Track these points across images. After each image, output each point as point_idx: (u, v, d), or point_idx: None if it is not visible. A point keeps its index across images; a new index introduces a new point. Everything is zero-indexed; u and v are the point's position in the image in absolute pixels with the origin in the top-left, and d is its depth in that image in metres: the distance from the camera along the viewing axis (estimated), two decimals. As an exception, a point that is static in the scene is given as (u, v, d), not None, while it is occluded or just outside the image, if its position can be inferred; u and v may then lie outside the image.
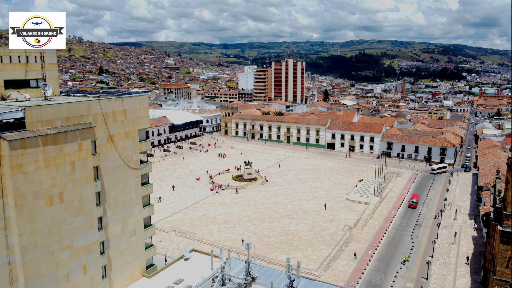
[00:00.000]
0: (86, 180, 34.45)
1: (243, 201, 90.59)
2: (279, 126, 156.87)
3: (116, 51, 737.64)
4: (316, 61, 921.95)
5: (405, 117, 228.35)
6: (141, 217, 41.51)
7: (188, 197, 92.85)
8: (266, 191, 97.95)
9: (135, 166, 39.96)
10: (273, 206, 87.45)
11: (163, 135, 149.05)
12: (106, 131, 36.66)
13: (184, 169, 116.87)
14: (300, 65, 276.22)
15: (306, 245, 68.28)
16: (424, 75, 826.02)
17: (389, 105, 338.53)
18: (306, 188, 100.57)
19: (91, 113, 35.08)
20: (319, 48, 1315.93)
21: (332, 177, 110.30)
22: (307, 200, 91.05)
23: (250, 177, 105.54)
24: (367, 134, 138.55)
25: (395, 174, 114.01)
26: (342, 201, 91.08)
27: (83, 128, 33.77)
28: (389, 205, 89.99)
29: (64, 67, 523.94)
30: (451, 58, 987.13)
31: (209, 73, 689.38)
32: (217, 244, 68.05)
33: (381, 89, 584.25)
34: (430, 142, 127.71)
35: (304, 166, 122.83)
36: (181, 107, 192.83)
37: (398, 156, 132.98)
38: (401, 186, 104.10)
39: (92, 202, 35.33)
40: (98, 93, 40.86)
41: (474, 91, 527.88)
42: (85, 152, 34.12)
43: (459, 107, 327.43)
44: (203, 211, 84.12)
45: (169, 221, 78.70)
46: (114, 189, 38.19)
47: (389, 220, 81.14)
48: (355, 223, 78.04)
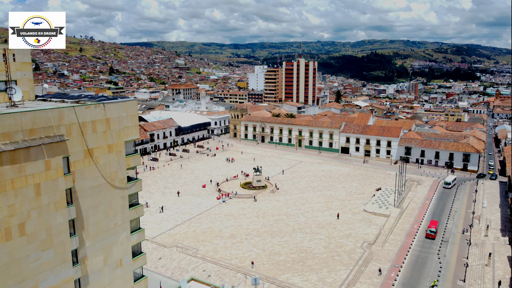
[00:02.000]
0: (55, 206, 27.95)
1: (251, 211, 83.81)
2: (290, 129, 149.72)
3: (127, 51, 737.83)
4: (327, 61, 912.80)
5: (421, 119, 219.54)
6: (128, 245, 34.94)
7: (192, 206, 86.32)
8: (276, 200, 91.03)
9: (120, 185, 33.40)
10: (284, 218, 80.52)
11: (169, 138, 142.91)
12: (83, 145, 30.15)
13: (189, 175, 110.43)
14: (312, 65, 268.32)
15: (321, 265, 61.29)
16: (437, 75, 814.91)
17: (403, 106, 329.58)
18: (319, 197, 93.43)
19: (64, 123, 28.59)
20: (330, 48, 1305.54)
21: (348, 185, 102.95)
22: (321, 211, 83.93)
23: (260, 185, 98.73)
24: (383, 138, 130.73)
25: (415, 182, 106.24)
26: (359, 212, 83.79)
27: (51, 143, 27.29)
28: (411, 218, 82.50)
29: (75, 67, 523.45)
30: (465, 58, 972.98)
31: (219, 73, 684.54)
32: (222, 263, 61.43)
33: (393, 90, 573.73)
34: (452, 148, 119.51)
35: (317, 172, 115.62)
36: (189, 109, 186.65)
37: (417, 161, 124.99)
38: (423, 196, 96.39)
39: (64, 232, 28.82)
40: (80, 97, 34.40)
41: (489, 92, 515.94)
42: (54, 172, 27.63)
43: (475, 108, 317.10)
44: (208, 223, 77.52)
45: (171, 234, 72.18)
46: (95, 214, 31.67)
47: (412, 236, 73.71)
48: (375, 239, 70.79)
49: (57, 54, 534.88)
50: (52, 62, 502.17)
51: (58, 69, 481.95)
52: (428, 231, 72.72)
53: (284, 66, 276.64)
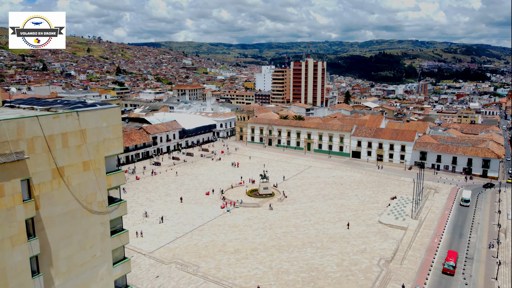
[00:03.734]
0: (11, 242, 22.43)
1: (258, 222, 77.98)
2: (298, 132, 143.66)
3: (134, 51, 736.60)
4: (335, 61, 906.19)
5: (434, 121, 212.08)
6: (110, 279, 29.31)
7: (195, 216, 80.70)
8: (284, 210, 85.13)
9: (100, 209, 27.82)
10: (293, 230, 74.60)
11: (172, 141, 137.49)
12: (50, 163, 24.60)
13: (193, 181, 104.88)
14: (320, 65, 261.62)
15: (334, 286, 55.34)
16: (446, 76, 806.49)
17: (414, 107, 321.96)
18: (330, 206, 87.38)
19: (24, 137, 23.05)
20: (337, 48, 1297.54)
21: (360, 193, 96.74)
22: (332, 223, 77.89)
23: (267, 192, 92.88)
24: (397, 142, 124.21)
25: (432, 190, 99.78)
26: (374, 224, 77.64)
27: (5, 163, 21.75)
28: (430, 230, 76.24)
29: (82, 67, 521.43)
30: (474, 58, 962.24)
31: (227, 73, 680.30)
32: (225, 283, 55.71)
33: (403, 90, 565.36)
34: (470, 153, 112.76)
35: (327, 178, 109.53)
36: (194, 110, 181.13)
37: (432, 167, 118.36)
38: (441, 205, 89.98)
39: (24, 273, 23.28)
40: (54, 103, 28.86)
41: (500, 92, 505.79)
42: (9, 199, 22.10)
43: (486, 110, 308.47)
44: (211, 235, 71.85)
45: (171, 248, 66.59)
46: (67, 246, 26.11)
47: (433, 251, 67.52)
48: (392, 255, 64.69)
49: (65, 54, 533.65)
50: (60, 62, 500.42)
51: (66, 69, 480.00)
52: (446, 266, 60.07)
53: (292, 66, 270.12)
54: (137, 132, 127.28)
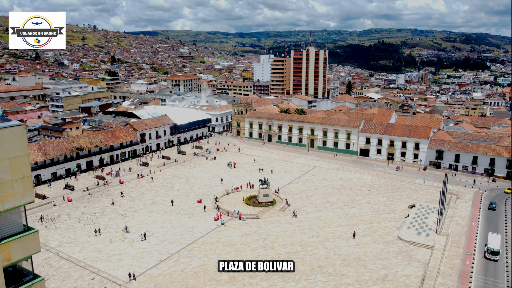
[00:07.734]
0: None
1: (257, 239, 66.54)
2: (301, 127, 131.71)
3: (130, 40, 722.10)
4: (334, 50, 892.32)
5: (441, 113, 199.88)
6: None
7: (183, 231, 69.13)
8: (288, 222, 73.61)
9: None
10: (299, 249, 63.16)
11: (163, 137, 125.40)
12: None
13: (183, 185, 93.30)
14: (322, 54, 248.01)
15: (353, 332, 44.16)
16: (446, 65, 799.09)
17: (418, 98, 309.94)
18: (341, 217, 75.92)
19: None
20: (336, 37, 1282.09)
21: (373, 200, 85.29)
22: (345, 240, 66.47)
23: (267, 200, 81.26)
24: (410, 140, 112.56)
25: (454, 195, 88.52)
26: (393, 241, 66.28)
27: None
28: (459, 248, 65.02)
29: (76, 56, 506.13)
30: (474, 47, 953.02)
31: (224, 62, 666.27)
32: (218, 328, 44.40)
33: (404, 80, 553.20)
34: (493, 152, 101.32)
35: (334, 181, 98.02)
36: (187, 103, 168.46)
37: (450, 167, 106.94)
38: (466, 215, 78.75)
39: None
40: None
41: (500, 82, 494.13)
42: None
43: (490, 100, 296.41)
44: (202, 257, 60.34)
45: (152, 276, 55.05)
46: None
47: (467, 278, 56.28)
48: (420, 285, 53.45)
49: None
50: (54, 51, 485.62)
51: (59, 59, 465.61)
52: None
53: (292, 55, 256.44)
54: (123, 128, 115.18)
